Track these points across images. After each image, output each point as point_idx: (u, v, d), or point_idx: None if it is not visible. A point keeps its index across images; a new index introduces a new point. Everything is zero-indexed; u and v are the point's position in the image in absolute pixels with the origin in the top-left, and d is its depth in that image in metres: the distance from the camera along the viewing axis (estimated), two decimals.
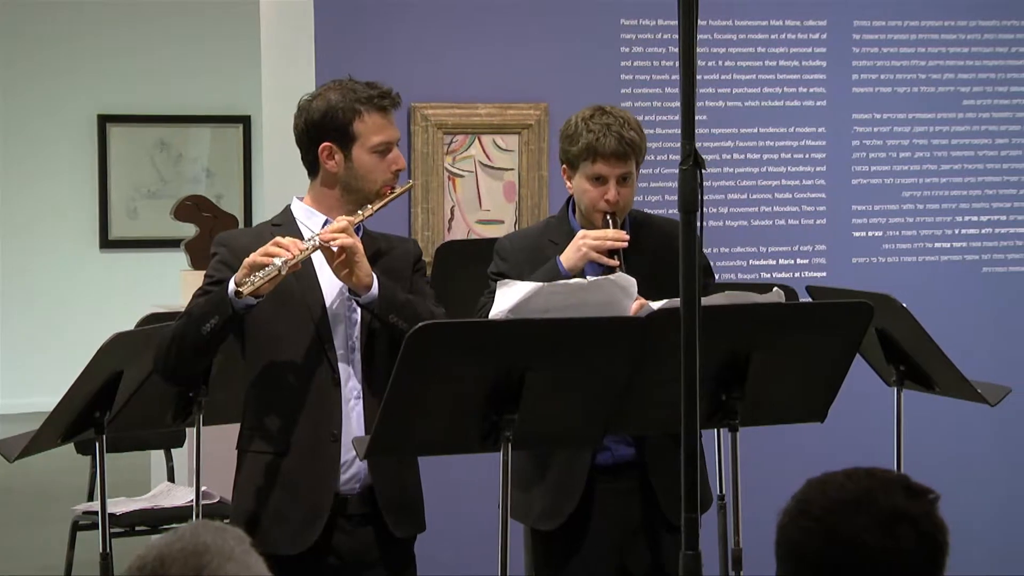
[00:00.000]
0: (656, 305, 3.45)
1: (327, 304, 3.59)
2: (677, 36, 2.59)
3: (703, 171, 2.56)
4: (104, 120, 11.60)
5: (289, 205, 3.75)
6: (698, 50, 2.62)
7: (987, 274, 5.78)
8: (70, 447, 4.93)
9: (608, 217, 3.83)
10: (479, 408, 3.24)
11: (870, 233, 5.67)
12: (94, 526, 5.25)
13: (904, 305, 3.97)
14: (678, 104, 2.58)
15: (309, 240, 3.47)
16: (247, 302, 3.40)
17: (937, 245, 5.73)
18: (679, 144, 2.58)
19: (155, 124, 11.68)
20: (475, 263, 4.41)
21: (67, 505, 5.85)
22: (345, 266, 3.47)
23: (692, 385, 2.53)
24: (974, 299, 5.75)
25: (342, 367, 3.57)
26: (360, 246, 3.48)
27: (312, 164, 3.68)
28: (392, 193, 3.62)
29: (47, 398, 4.50)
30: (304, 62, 5.25)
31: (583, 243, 3.78)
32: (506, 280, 3.54)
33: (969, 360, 4.25)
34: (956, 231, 5.75)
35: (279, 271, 3.37)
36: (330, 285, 3.59)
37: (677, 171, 2.56)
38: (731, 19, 5.52)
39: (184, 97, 11.67)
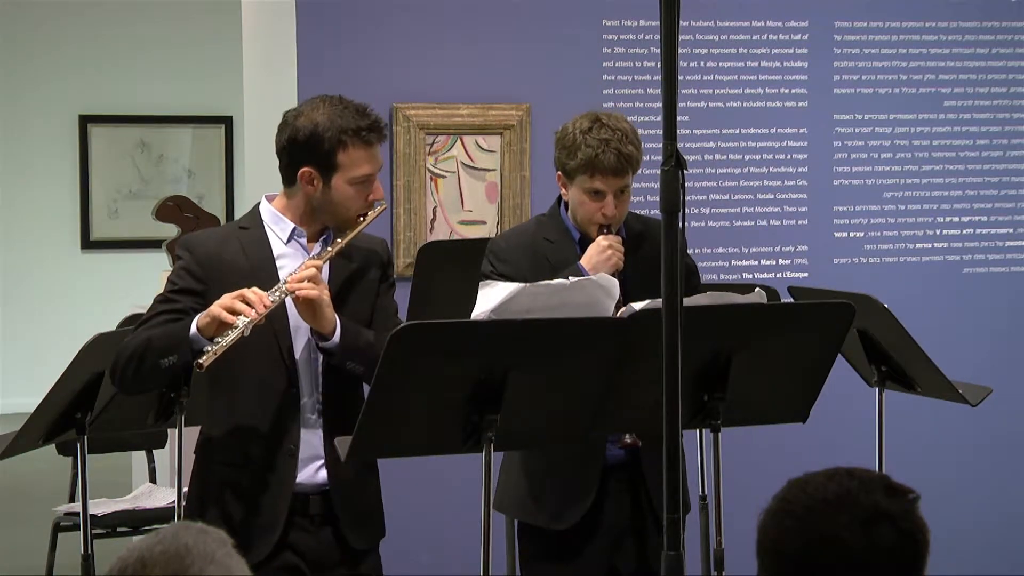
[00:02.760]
0: (638, 306, 3.45)
1: (291, 324, 3.54)
2: (659, 36, 2.59)
3: (685, 172, 2.57)
4: (85, 120, 11.57)
5: (258, 205, 3.70)
6: (680, 51, 2.62)
7: (968, 274, 5.79)
8: (51, 448, 4.92)
9: (603, 231, 3.85)
10: (461, 409, 3.24)
11: (851, 234, 5.68)
12: (75, 527, 5.27)
13: (885, 306, 3.98)
14: (660, 104, 2.58)
15: (276, 291, 3.41)
16: (206, 344, 3.35)
17: (918, 246, 5.74)
18: (661, 145, 2.58)
19: (136, 124, 11.65)
20: (457, 264, 4.41)
21: (48, 506, 5.83)
22: (310, 311, 3.44)
23: (674, 386, 2.53)
24: (955, 300, 5.76)
25: (304, 382, 3.55)
26: (325, 296, 3.44)
27: (289, 179, 3.62)
28: (363, 221, 3.58)
29: (28, 399, 4.49)
30: (286, 63, 5.24)
31: (612, 251, 3.79)
32: (488, 280, 3.54)
33: (950, 361, 4.26)
34: (937, 232, 5.76)
35: (242, 333, 3.32)
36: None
37: (659, 172, 2.56)
38: (713, 20, 5.53)
39: (166, 97, 11.64)
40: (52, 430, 3.93)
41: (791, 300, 4.30)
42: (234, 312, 3.32)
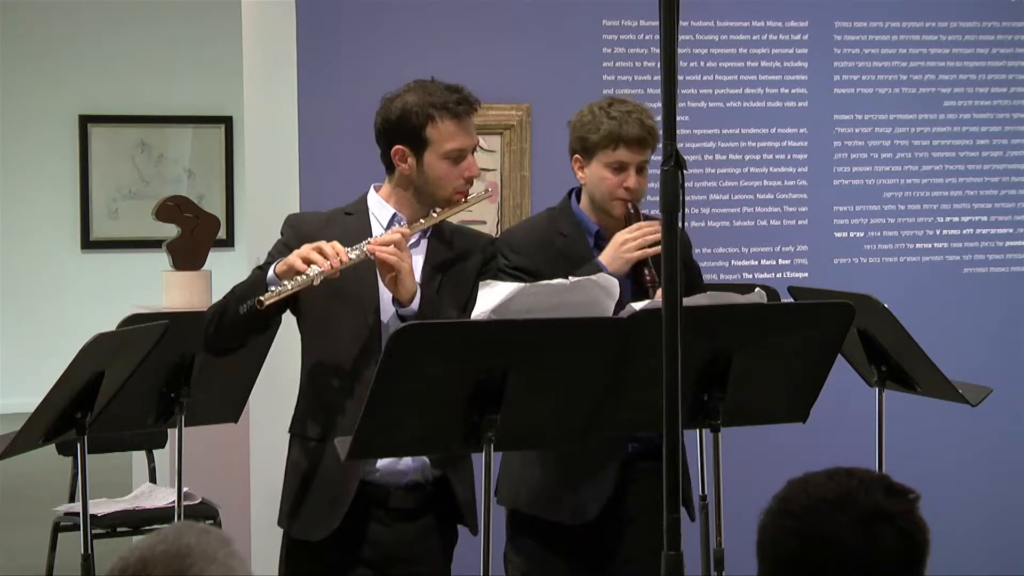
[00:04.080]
0: (638, 306, 3.45)
1: (381, 301, 3.60)
2: (659, 36, 2.59)
3: (685, 172, 2.56)
4: (85, 120, 11.58)
5: (365, 194, 3.76)
6: (680, 51, 2.62)
7: (968, 274, 5.79)
8: (51, 448, 4.92)
9: (629, 208, 3.86)
10: (461, 408, 3.24)
11: (852, 234, 5.68)
12: (76, 527, 5.27)
13: (885, 305, 3.98)
14: (660, 105, 2.59)
15: (356, 248, 3.48)
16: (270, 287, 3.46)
17: (918, 246, 5.74)
18: (660, 145, 2.58)
19: (136, 124, 11.67)
20: None
21: (48, 506, 5.83)
22: (391, 277, 3.49)
23: (674, 386, 2.53)
24: (955, 300, 5.76)
25: None
26: (406, 264, 3.49)
27: (387, 163, 3.69)
28: (464, 202, 3.63)
29: (28, 399, 4.49)
30: (286, 62, 5.24)
31: (624, 249, 3.79)
32: (487, 281, 3.54)
33: (950, 360, 4.26)
34: (937, 232, 5.77)
35: (311, 281, 3.40)
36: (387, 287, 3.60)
37: (659, 172, 2.56)
38: (713, 20, 5.53)
39: (165, 97, 11.65)
40: (52, 430, 3.92)
41: (791, 300, 4.30)
42: (308, 261, 3.41)
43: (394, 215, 3.66)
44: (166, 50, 11.63)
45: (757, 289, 3.70)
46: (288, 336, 4.95)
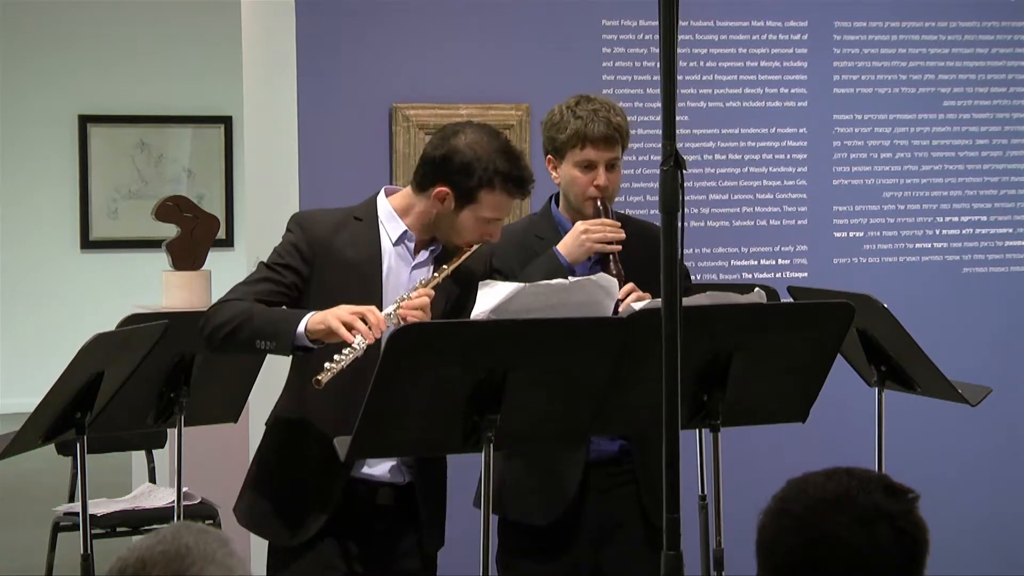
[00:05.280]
0: (638, 306, 3.45)
1: (384, 307, 3.53)
2: (659, 36, 2.59)
3: (684, 171, 2.56)
4: (85, 120, 11.58)
5: (375, 196, 3.69)
6: (679, 50, 2.62)
7: (968, 274, 5.79)
8: (51, 448, 4.92)
9: (599, 204, 3.86)
10: (461, 409, 3.24)
11: (851, 234, 5.68)
12: (75, 527, 5.27)
13: (885, 305, 3.98)
14: (659, 104, 2.58)
15: (390, 316, 3.41)
16: (308, 345, 3.40)
17: (918, 245, 5.74)
18: (660, 144, 2.58)
19: (136, 124, 11.67)
20: None
21: (48, 506, 5.83)
22: None
23: (673, 386, 2.53)
24: (955, 299, 5.76)
25: None
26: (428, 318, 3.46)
27: (423, 187, 3.61)
28: (469, 250, 3.60)
29: (28, 399, 4.49)
30: (286, 62, 5.24)
31: (585, 237, 3.81)
32: (487, 281, 3.54)
33: (950, 360, 4.26)
34: (937, 231, 5.76)
35: (360, 354, 3.33)
36: (389, 300, 3.55)
37: (658, 171, 2.56)
38: (712, 19, 5.53)
39: (165, 97, 11.65)
40: (52, 430, 3.92)
41: (791, 300, 4.30)
42: (351, 328, 3.33)
43: (405, 231, 3.61)
44: (166, 50, 11.63)
45: (757, 289, 3.70)
46: None
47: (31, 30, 11.44)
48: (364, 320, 3.34)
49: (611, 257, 3.83)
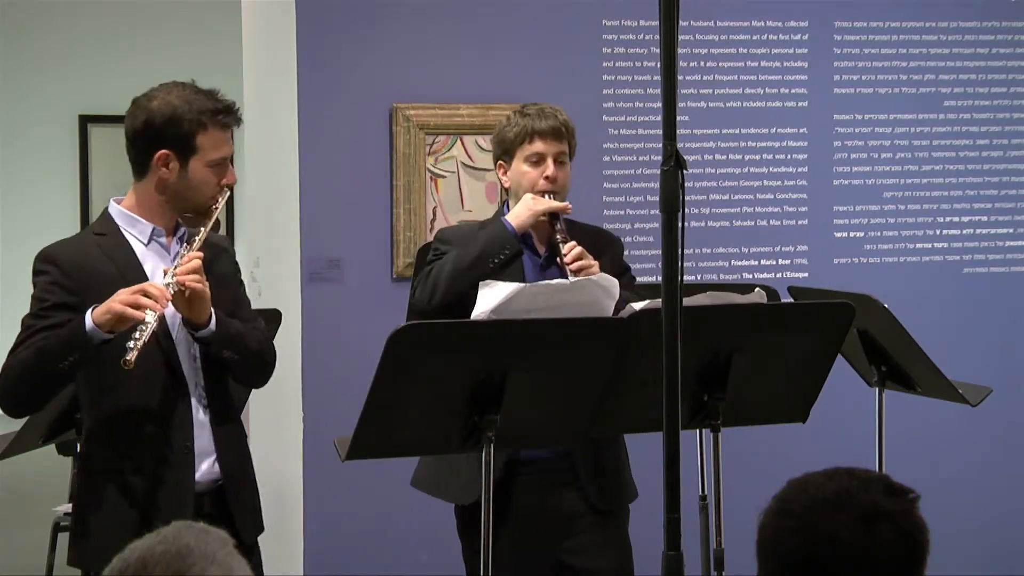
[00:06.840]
0: (638, 306, 3.45)
1: (169, 321, 3.46)
2: (659, 36, 2.59)
3: (685, 172, 2.56)
4: (85, 120, 11.58)
5: (107, 210, 3.64)
6: (680, 51, 2.62)
7: (968, 274, 5.79)
8: (51, 448, 4.92)
9: (550, 198, 3.90)
10: (461, 409, 3.24)
11: (851, 234, 5.68)
12: None
13: (885, 306, 3.98)
14: (660, 104, 2.59)
15: (166, 283, 3.35)
16: (105, 337, 3.30)
17: (918, 246, 5.74)
18: (661, 144, 2.58)
19: None
20: None
21: (48, 506, 5.83)
22: (190, 303, 3.39)
23: (674, 386, 2.53)
24: (955, 300, 5.76)
25: (188, 375, 3.47)
26: (208, 292, 3.39)
27: (142, 166, 3.61)
28: (217, 208, 3.55)
29: None
30: (286, 63, 5.24)
31: (533, 202, 3.87)
32: (488, 281, 3.54)
33: (950, 361, 4.26)
34: (937, 232, 5.77)
35: (155, 327, 3.27)
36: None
37: (659, 171, 2.56)
38: (713, 20, 5.53)
39: None
40: (52, 430, 3.93)
41: (791, 300, 4.30)
42: (138, 307, 3.26)
43: (153, 229, 3.56)
44: (166, 50, 11.61)
45: (757, 289, 3.70)
46: (288, 335, 4.95)
47: (31, 30, 11.43)
48: (147, 295, 3.28)
49: (556, 223, 3.86)
